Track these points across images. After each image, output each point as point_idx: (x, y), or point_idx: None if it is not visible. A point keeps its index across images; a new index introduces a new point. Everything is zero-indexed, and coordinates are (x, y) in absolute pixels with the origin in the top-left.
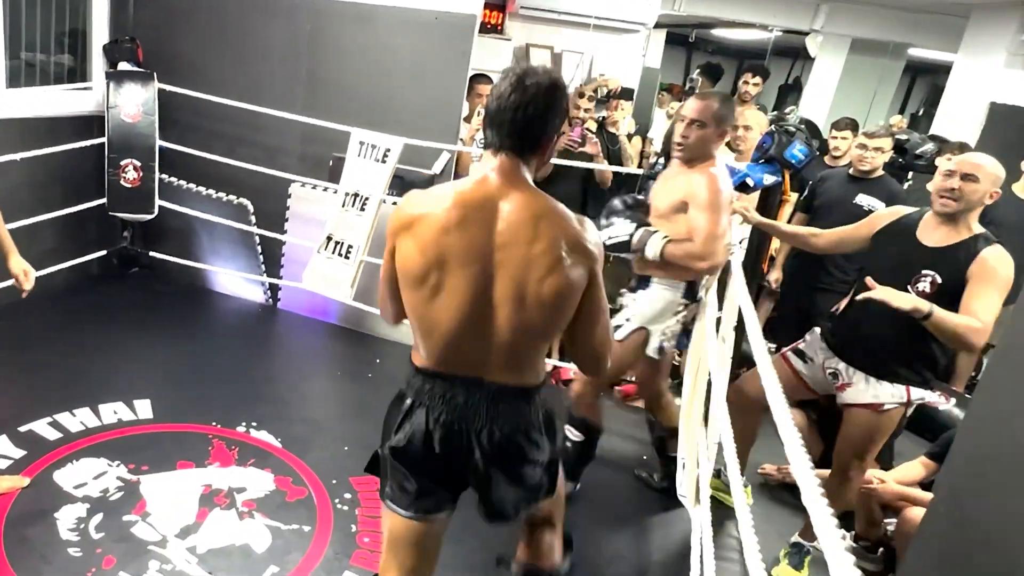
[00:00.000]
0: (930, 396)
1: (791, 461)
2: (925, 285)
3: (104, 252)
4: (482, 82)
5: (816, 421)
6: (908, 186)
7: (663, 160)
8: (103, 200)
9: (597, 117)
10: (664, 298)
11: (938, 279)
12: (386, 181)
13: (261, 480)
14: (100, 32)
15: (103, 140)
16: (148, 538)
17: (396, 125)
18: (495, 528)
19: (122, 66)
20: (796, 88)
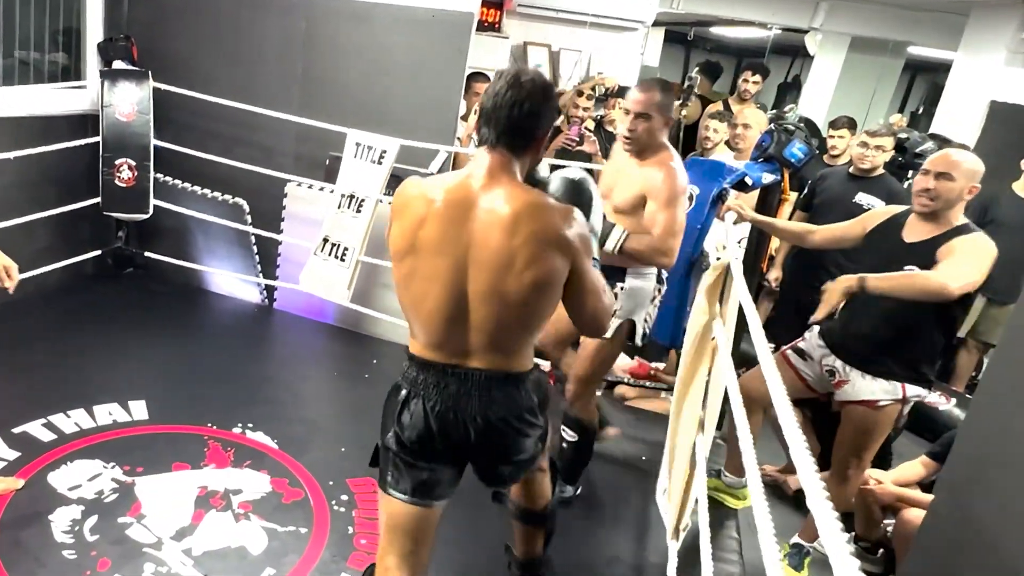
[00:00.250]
0: (928, 395)
1: (795, 463)
2: None
3: (98, 252)
4: (479, 80)
5: (811, 420)
6: (908, 185)
7: None
8: (97, 199)
9: (595, 116)
10: (642, 289)
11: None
12: (383, 182)
13: (257, 482)
14: (94, 30)
15: (97, 139)
16: (143, 540)
17: (392, 123)
18: (495, 528)
19: (117, 65)
20: (795, 86)
